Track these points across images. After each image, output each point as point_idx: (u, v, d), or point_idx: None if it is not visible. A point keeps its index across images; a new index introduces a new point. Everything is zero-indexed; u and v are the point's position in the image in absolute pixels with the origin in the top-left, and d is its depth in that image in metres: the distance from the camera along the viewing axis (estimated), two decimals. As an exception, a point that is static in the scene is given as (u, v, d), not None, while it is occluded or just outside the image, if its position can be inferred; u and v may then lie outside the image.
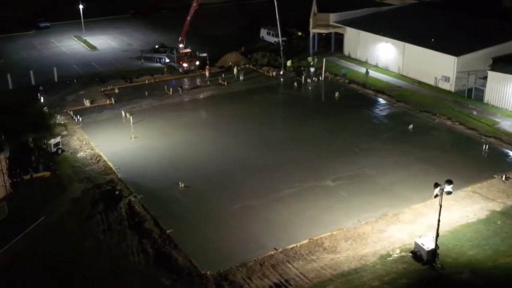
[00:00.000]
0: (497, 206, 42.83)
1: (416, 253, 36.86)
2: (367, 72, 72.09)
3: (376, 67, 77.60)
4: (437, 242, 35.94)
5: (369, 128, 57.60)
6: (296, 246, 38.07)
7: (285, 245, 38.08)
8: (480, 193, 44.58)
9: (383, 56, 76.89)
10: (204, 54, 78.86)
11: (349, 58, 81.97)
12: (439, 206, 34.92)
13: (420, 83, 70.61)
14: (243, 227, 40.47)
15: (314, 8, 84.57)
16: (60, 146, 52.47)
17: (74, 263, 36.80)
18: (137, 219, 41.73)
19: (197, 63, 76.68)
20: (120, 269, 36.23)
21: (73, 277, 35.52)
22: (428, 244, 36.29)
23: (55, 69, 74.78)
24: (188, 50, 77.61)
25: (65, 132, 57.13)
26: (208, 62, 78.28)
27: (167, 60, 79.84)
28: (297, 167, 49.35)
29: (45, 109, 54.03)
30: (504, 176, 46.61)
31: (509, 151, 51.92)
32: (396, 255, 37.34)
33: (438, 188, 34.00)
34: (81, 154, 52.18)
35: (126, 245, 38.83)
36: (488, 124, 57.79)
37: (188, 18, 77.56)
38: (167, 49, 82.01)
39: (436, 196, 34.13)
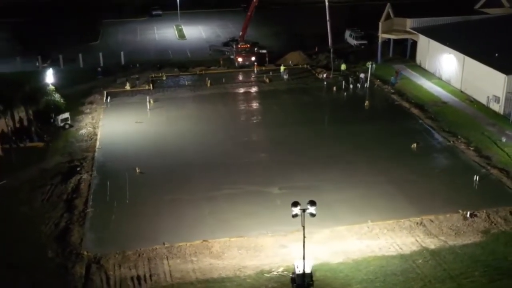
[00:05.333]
0: (434, 244, 37.79)
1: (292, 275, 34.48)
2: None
3: (439, 79, 71.34)
4: (306, 268, 33.15)
5: (371, 141, 53.63)
6: (185, 244, 37.75)
7: (177, 242, 38.01)
8: (427, 226, 39.63)
9: (447, 68, 70.34)
10: (264, 51, 79.46)
11: (417, 68, 76.25)
12: (302, 227, 32.16)
13: (472, 101, 63.49)
14: (155, 218, 40.95)
15: (389, 12, 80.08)
16: (68, 122, 57.36)
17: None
18: (76, 195, 44.52)
19: (253, 58, 77.19)
20: (23, 236, 39.21)
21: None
22: (303, 267, 33.68)
23: (122, 53, 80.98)
24: (246, 45, 78.56)
25: (88, 110, 62.34)
26: (267, 59, 78.79)
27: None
28: (257, 169, 48.28)
29: (49, 87, 59.26)
30: (468, 213, 40.76)
31: (505, 187, 44.88)
32: (276, 273, 35.26)
33: (298, 207, 31.37)
34: (82, 131, 56.56)
35: (49, 216, 41.83)
36: (510, 153, 50.48)
37: (248, 13, 78.71)
38: (233, 43, 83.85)
39: (295, 216, 31.55)
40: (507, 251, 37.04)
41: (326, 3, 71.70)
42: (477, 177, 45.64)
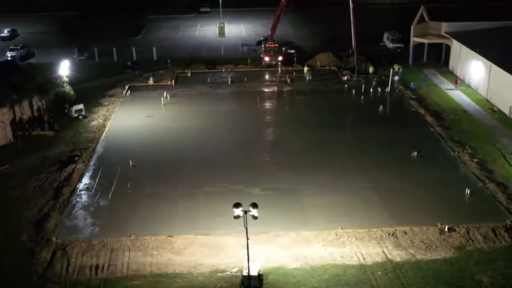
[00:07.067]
0: (400, 256, 36.54)
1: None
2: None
3: (468, 87, 68.40)
4: (251, 271, 33.13)
5: (373, 147, 52.27)
6: (150, 238, 38.50)
7: (143, 235, 38.81)
8: (398, 238, 38.33)
9: (475, 75, 67.28)
10: (292, 51, 79.14)
11: (448, 74, 73.35)
12: (245, 229, 32.07)
13: (495, 111, 60.47)
14: (131, 210, 42.03)
15: (423, 15, 77.40)
16: (82, 113, 59.56)
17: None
18: (66, 183, 46.32)
19: (280, 58, 76.94)
20: (5, 219, 41.24)
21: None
22: (251, 269, 33.61)
23: (154, 48, 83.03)
24: (274, 45, 78.49)
25: (106, 103, 64.53)
26: (295, 59, 78.42)
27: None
28: (247, 168, 48.41)
29: (63, 78, 61.60)
30: (446, 227, 39.05)
31: (497, 203, 42.52)
32: (229, 273, 35.35)
33: (240, 208, 31.35)
34: (93, 123, 58.58)
35: (36, 202, 43.79)
36: (516, 168, 47.89)
37: (277, 13, 78.38)
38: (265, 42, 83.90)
39: (237, 217, 31.53)
40: (476, 269, 35.26)
41: (351, 5, 70.30)
42: (469, 190, 43.51)
